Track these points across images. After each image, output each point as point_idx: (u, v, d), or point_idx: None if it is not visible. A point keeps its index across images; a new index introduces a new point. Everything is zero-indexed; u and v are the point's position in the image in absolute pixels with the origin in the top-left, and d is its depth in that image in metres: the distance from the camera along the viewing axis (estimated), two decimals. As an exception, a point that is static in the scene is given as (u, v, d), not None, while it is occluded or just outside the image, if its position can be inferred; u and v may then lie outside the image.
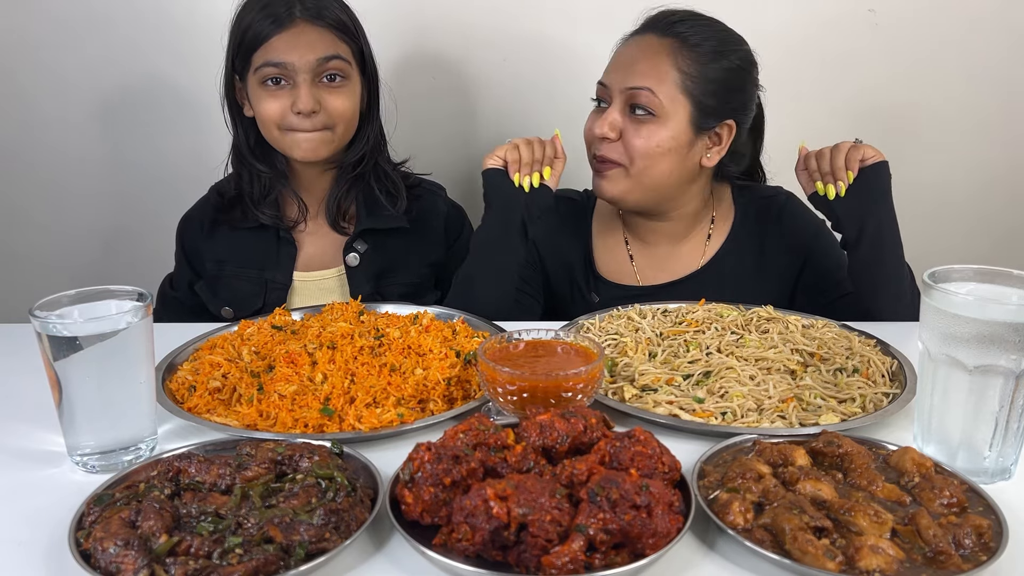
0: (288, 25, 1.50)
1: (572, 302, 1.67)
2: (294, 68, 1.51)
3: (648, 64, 1.47)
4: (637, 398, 1.08)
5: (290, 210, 1.70)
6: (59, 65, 2.13)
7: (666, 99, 1.46)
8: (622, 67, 1.50)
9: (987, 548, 0.75)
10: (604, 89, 1.52)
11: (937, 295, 0.89)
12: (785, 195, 1.67)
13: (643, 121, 1.47)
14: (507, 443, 0.83)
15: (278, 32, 1.50)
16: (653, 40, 1.50)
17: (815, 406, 1.05)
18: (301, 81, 1.52)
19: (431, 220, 1.74)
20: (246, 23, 1.52)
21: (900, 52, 2.15)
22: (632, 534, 0.72)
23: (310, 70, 1.52)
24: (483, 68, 2.16)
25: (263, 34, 1.50)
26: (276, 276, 1.66)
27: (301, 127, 1.55)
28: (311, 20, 1.52)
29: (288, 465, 0.87)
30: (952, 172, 2.25)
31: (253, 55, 1.52)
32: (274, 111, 1.54)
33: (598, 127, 1.49)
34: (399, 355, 1.15)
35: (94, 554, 0.72)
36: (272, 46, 1.50)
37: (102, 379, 0.92)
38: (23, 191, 2.24)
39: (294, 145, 1.57)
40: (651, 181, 1.50)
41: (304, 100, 1.51)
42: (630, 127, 1.48)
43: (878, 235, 1.43)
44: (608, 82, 1.51)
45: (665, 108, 1.46)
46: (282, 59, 1.50)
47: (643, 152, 1.47)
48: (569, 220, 1.72)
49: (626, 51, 1.53)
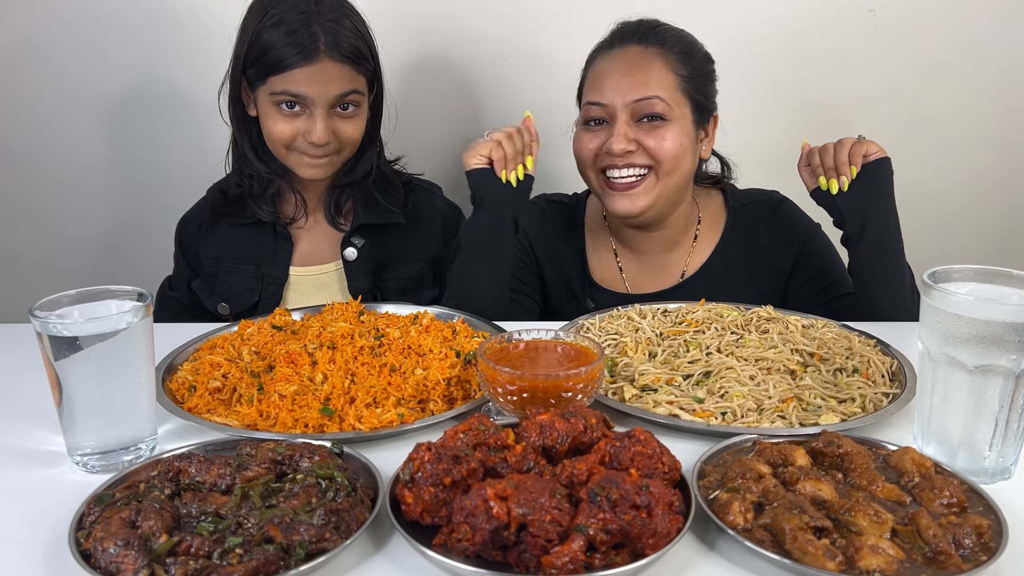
0: (313, 60, 1.49)
1: (568, 307, 1.68)
2: (313, 102, 1.51)
3: (646, 74, 1.49)
4: (637, 398, 1.08)
5: (288, 207, 1.70)
6: (62, 65, 2.13)
7: (673, 103, 1.49)
8: (618, 82, 1.50)
9: (987, 548, 0.75)
10: (602, 108, 1.51)
11: (937, 295, 0.89)
12: (779, 198, 1.67)
13: (657, 126, 1.49)
14: (507, 443, 0.83)
15: (301, 64, 1.48)
16: (639, 50, 1.52)
17: (815, 406, 1.05)
18: (318, 115, 1.52)
19: (427, 216, 1.75)
20: (266, 41, 1.50)
21: (900, 52, 2.15)
22: (632, 534, 0.72)
23: (327, 105, 1.52)
24: (483, 69, 2.16)
25: (285, 62, 1.49)
26: (273, 271, 1.67)
27: (311, 152, 1.56)
28: (332, 55, 1.50)
29: (288, 465, 0.87)
30: (951, 172, 2.25)
31: (271, 77, 1.51)
32: (286, 134, 1.54)
33: (616, 144, 1.48)
34: (399, 355, 1.15)
35: (94, 554, 0.72)
36: (294, 76, 1.49)
37: (102, 379, 0.92)
38: (24, 191, 2.24)
39: (300, 165, 1.59)
40: (675, 183, 1.53)
41: (319, 133, 1.52)
42: (645, 135, 1.49)
43: (880, 231, 1.43)
44: (607, 100, 1.50)
45: (675, 111, 1.49)
46: (303, 92, 1.50)
47: (671, 154, 1.49)
48: (563, 226, 1.73)
49: (614, 66, 1.53)
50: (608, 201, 1.55)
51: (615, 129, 1.49)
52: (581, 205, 1.75)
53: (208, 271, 1.70)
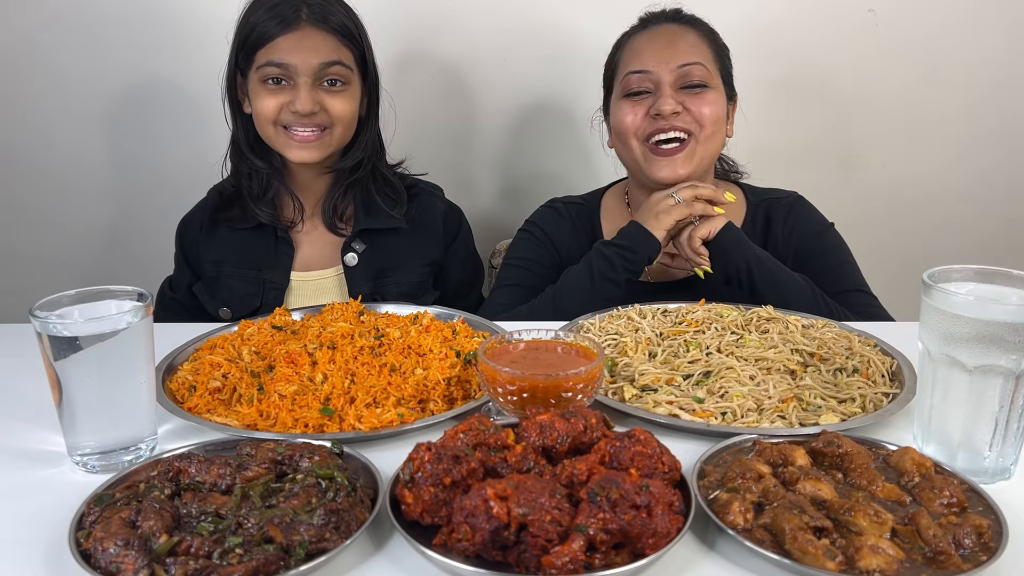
0: (294, 27, 1.51)
1: None
2: (296, 70, 1.52)
3: (686, 43, 1.57)
4: (637, 398, 1.08)
5: (287, 210, 1.70)
6: (62, 64, 2.13)
7: (712, 71, 1.57)
8: (660, 51, 1.56)
9: (987, 548, 0.75)
10: (645, 76, 1.56)
11: (937, 295, 0.89)
12: (796, 196, 1.73)
13: (700, 93, 1.56)
14: (507, 443, 0.83)
15: (283, 33, 1.51)
16: (674, 27, 1.60)
17: (815, 406, 1.05)
18: (302, 84, 1.53)
19: (429, 220, 1.74)
20: (252, 21, 1.53)
21: (899, 53, 2.15)
22: (632, 534, 0.72)
23: (311, 73, 1.53)
24: (482, 69, 2.16)
25: (268, 34, 1.51)
26: (274, 276, 1.66)
27: (299, 126, 1.56)
28: (316, 24, 1.53)
29: (288, 465, 0.87)
30: (951, 172, 2.25)
31: (257, 53, 1.53)
32: (271, 108, 1.55)
33: (664, 105, 1.53)
34: (399, 355, 1.15)
35: (94, 554, 0.72)
36: (276, 46, 1.51)
37: (102, 379, 0.92)
38: (24, 190, 2.24)
39: (288, 145, 1.58)
40: (712, 150, 1.59)
41: (303, 101, 1.52)
42: (689, 100, 1.55)
43: (749, 271, 1.48)
44: (651, 67, 1.55)
45: (714, 79, 1.57)
46: (284, 60, 1.51)
47: (713, 118, 1.56)
48: (581, 226, 1.75)
49: (654, 40, 1.59)
50: (651, 168, 1.59)
51: (661, 92, 1.54)
52: (595, 204, 1.78)
53: (209, 274, 1.69)
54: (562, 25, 2.11)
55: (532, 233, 1.76)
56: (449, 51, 2.15)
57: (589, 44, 1.76)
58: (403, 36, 2.10)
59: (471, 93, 2.19)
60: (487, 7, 2.10)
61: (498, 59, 2.15)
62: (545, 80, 2.17)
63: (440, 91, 2.18)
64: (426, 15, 2.11)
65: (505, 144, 2.25)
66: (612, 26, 1.67)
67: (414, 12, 2.11)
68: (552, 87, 2.17)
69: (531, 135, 2.23)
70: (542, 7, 2.10)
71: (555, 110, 2.19)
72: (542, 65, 2.15)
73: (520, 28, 2.12)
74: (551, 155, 2.25)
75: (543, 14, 2.11)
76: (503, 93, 2.19)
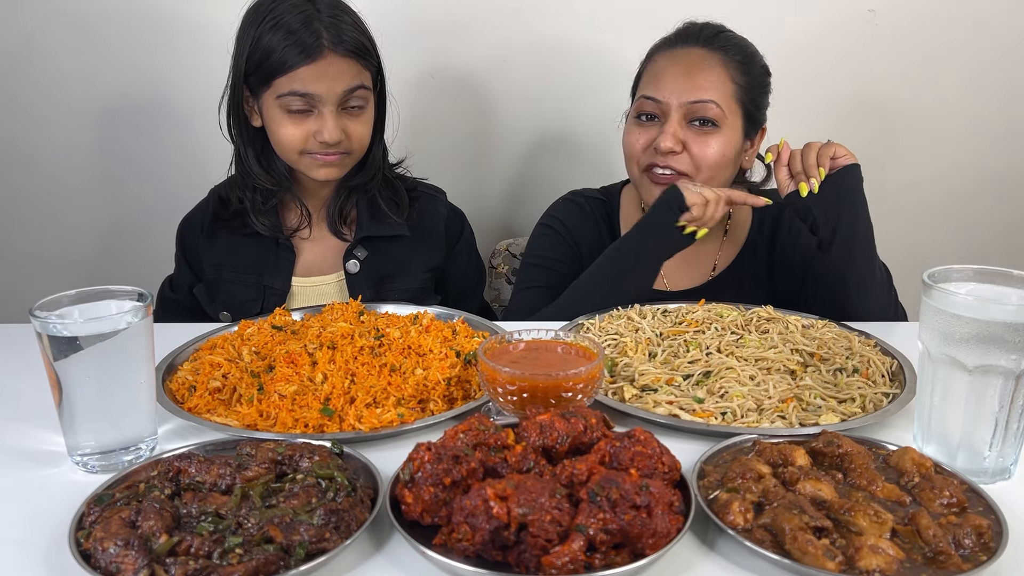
0: (317, 57, 1.47)
1: None
2: (321, 99, 1.50)
3: (706, 77, 1.50)
4: (637, 398, 1.08)
5: (292, 216, 1.69)
6: (62, 66, 2.13)
7: (727, 110, 1.50)
8: (677, 81, 1.51)
9: (987, 548, 0.75)
10: (656, 104, 1.52)
11: (937, 295, 0.89)
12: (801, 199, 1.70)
13: (707, 132, 1.50)
14: (507, 443, 0.83)
15: (306, 63, 1.47)
16: (702, 52, 1.52)
17: (815, 406, 1.05)
18: (327, 113, 1.51)
19: (431, 224, 1.73)
20: (267, 46, 1.48)
21: (900, 53, 2.15)
22: (632, 534, 0.72)
23: (336, 102, 1.51)
24: (483, 69, 2.16)
25: (289, 63, 1.47)
26: (275, 282, 1.65)
27: (323, 152, 1.54)
28: (336, 49, 1.49)
29: (288, 465, 0.87)
30: (951, 172, 2.25)
31: (276, 80, 1.49)
32: (297, 138, 1.53)
33: (664, 142, 1.49)
34: (399, 355, 1.15)
35: (94, 554, 0.72)
36: (299, 76, 1.48)
37: (102, 379, 0.92)
38: (24, 191, 2.24)
39: (314, 167, 1.57)
40: (715, 185, 1.52)
41: (331, 132, 1.51)
42: (693, 139, 1.50)
43: (850, 234, 1.44)
44: (663, 97, 1.51)
45: (727, 119, 1.50)
46: (310, 91, 1.48)
47: (712, 163, 1.50)
48: (601, 221, 1.73)
49: (674, 65, 1.53)
50: (647, 194, 1.56)
51: (666, 127, 1.50)
52: (615, 200, 1.75)
53: (210, 277, 1.69)
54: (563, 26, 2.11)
55: (554, 228, 1.72)
56: (450, 51, 2.15)
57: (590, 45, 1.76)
58: (403, 36, 2.10)
59: (471, 93, 2.19)
60: (488, 7, 2.10)
61: (498, 59, 2.15)
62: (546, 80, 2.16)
63: (440, 91, 2.18)
64: (427, 16, 2.11)
65: (506, 144, 2.25)
66: (613, 30, 1.66)
67: (414, 13, 2.11)
68: (553, 88, 2.17)
69: (532, 135, 2.23)
70: (543, 6, 2.10)
71: (556, 110, 2.19)
72: (543, 66, 2.15)
73: (521, 28, 2.12)
74: (551, 155, 2.25)
75: (544, 14, 2.11)
76: (504, 93, 2.19)
